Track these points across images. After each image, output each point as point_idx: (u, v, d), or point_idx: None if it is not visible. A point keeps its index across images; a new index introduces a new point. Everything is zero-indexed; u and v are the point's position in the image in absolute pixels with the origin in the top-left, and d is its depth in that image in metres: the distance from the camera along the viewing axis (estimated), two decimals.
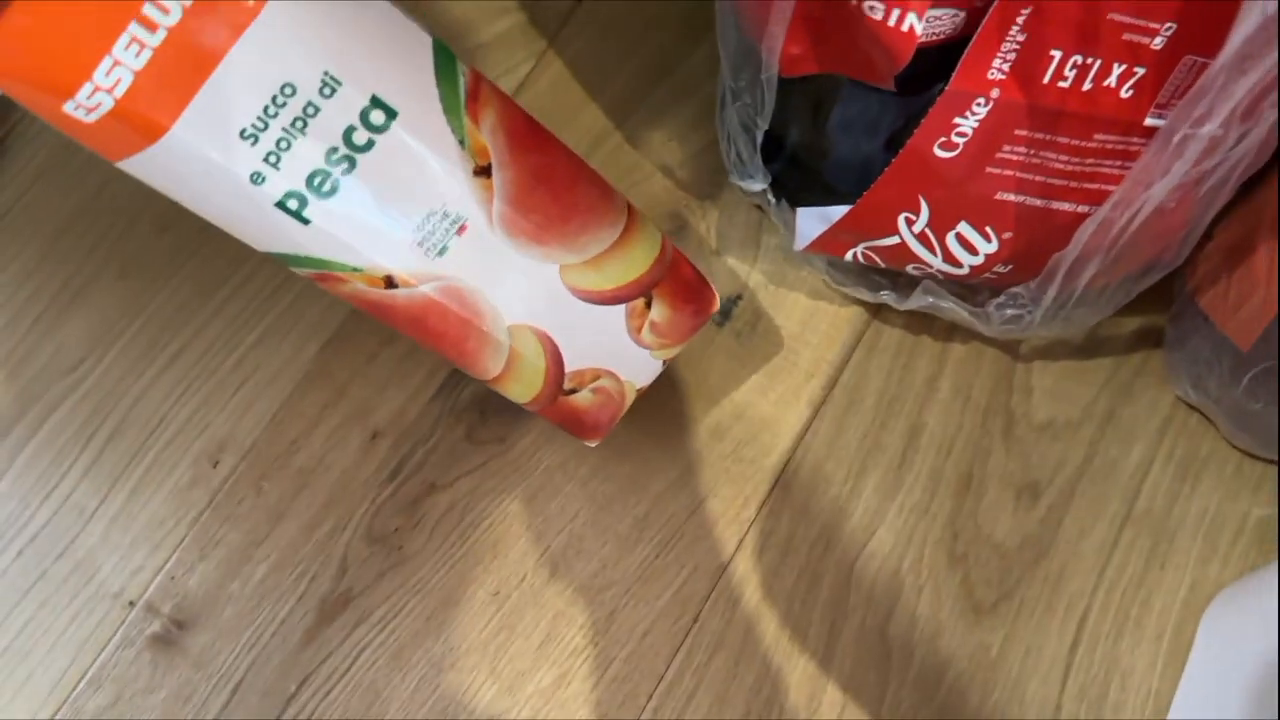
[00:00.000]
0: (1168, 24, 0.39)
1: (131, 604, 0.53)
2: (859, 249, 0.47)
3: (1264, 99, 0.35)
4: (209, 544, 0.54)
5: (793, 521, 0.53)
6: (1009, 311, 0.48)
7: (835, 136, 0.46)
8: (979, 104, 0.39)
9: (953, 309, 0.49)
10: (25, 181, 0.59)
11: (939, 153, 0.41)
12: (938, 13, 0.38)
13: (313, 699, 0.51)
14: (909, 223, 0.44)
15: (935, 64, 0.41)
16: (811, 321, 0.57)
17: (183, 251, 0.59)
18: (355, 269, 0.39)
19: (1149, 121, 0.41)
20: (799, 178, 0.50)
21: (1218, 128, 0.35)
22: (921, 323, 0.56)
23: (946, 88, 0.39)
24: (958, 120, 0.40)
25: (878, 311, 0.56)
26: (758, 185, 0.50)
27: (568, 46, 0.61)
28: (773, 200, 0.51)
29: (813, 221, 0.48)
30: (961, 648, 0.51)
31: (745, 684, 0.51)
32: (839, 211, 0.47)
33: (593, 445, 0.47)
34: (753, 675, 0.51)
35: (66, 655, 0.52)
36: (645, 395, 0.47)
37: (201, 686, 0.51)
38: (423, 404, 0.55)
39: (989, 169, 0.42)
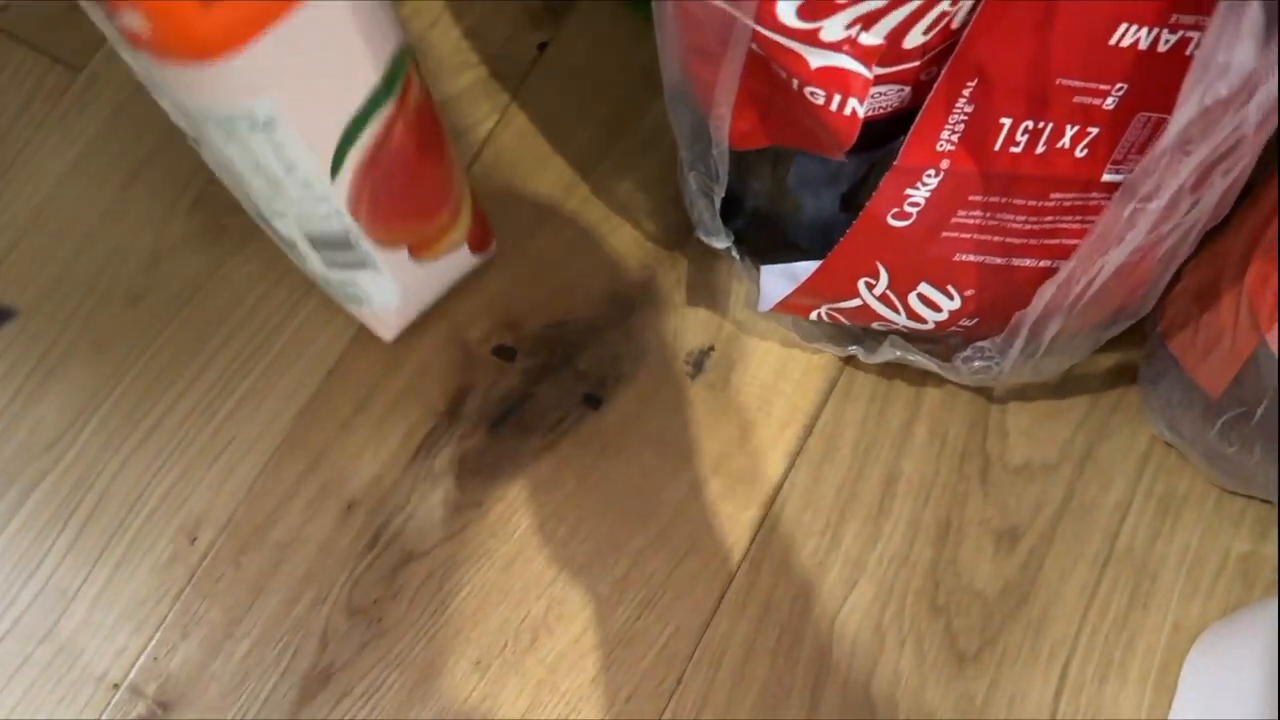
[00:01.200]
0: (1118, 84, 0.38)
1: (116, 686, 0.53)
2: (823, 310, 0.47)
3: (1214, 171, 0.34)
4: (190, 622, 0.54)
5: (773, 575, 0.53)
6: (977, 364, 0.48)
7: (793, 197, 0.46)
8: (929, 175, 0.39)
9: (921, 361, 0.49)
10: None
11: (893, 222, 0.40)
12: (881, 89, 0.37)
13: None
14: (869, 286, 0.44)
15: (887, 127, 0.41)
16: (785, 370, 0.56)
17: (156, 321, 0.59)
18: None
19: (1106, 177, 0.41)
20: (761, 236, 0.49)
21: (1165, 203, 0.34)
22: (895, 368, 0.55)
23: (895, 163, 0.38)
24: (909, 191, 0.39)
25: (850, 358, 0.56)
26: (721, 244, 0.50)
27: (531, 100, 0.61)
28: (737, 257, 0.51)
29: (777, 279, 0.47)
30: (946, 699, 0.51)
31: None
32: (804, 268, 0.47)
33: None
34: None
35: None
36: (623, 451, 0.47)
37: None
38: (398, 471, 0.55)
39: (945, 234, 0.41)
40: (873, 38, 0.35)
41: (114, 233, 0.60)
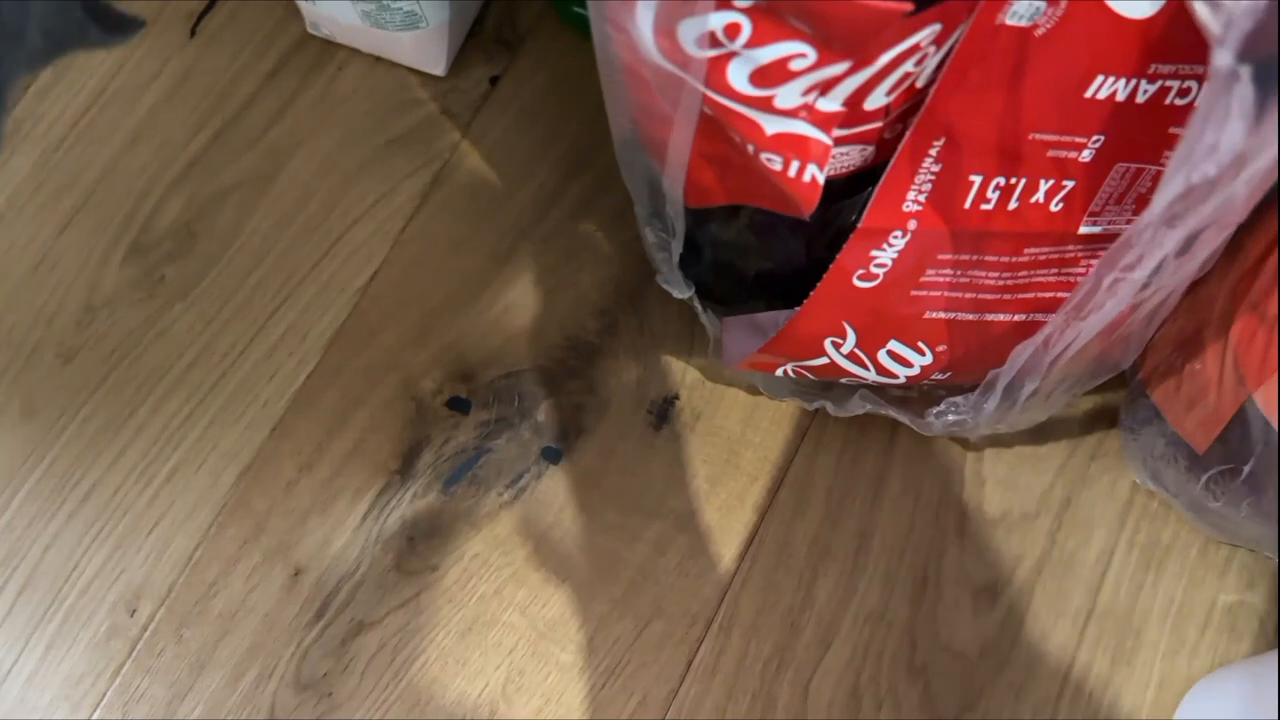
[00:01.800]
0: (1095, 136, 0.36)
1: None
2: (789, 367, 0.45)
3: (1199, 238, 0.32)
4: (131, 700, 0.51)
5: (744, 638, 0.51)
6: (950, 418, 0.45)
7: (753, 247, 0.44)
8: (896, 236, 0.37)
9: (892, 415, 0.47)
10: None
11: (859, 283, 0.38)
12: (843, 149, 0.35)
13: None
14: (836, 346, 0.42)
15: (850, 184, 0.38)
16: (753, 419, 0.54)
17: (89, 381, 0.56)
18: None
19: (1084, 229, 0.39)
20: (723, 285, 0.47)
21: (1148, 274, 0.32)
22: (868, 417, 0.53)
23: (859, 225, 0.36)
24: (875, 253, 0.37)
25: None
26: (681, 294, 0.48)
27: (483, 137, 0.58)
28: (700, 308, 0.49)
29: (741, 333, 0.45)
30: None
31: None
32: (769, 319, 0.44)
33: None
34: None
35: None
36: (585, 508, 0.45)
37: None
38: (347, 534, 0.53)
39: (915, 292, 0.39)
40: (831, 103, 0.32)
41: (44, 286, 0.57)
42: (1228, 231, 0.33)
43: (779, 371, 0.45)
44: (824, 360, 0.43)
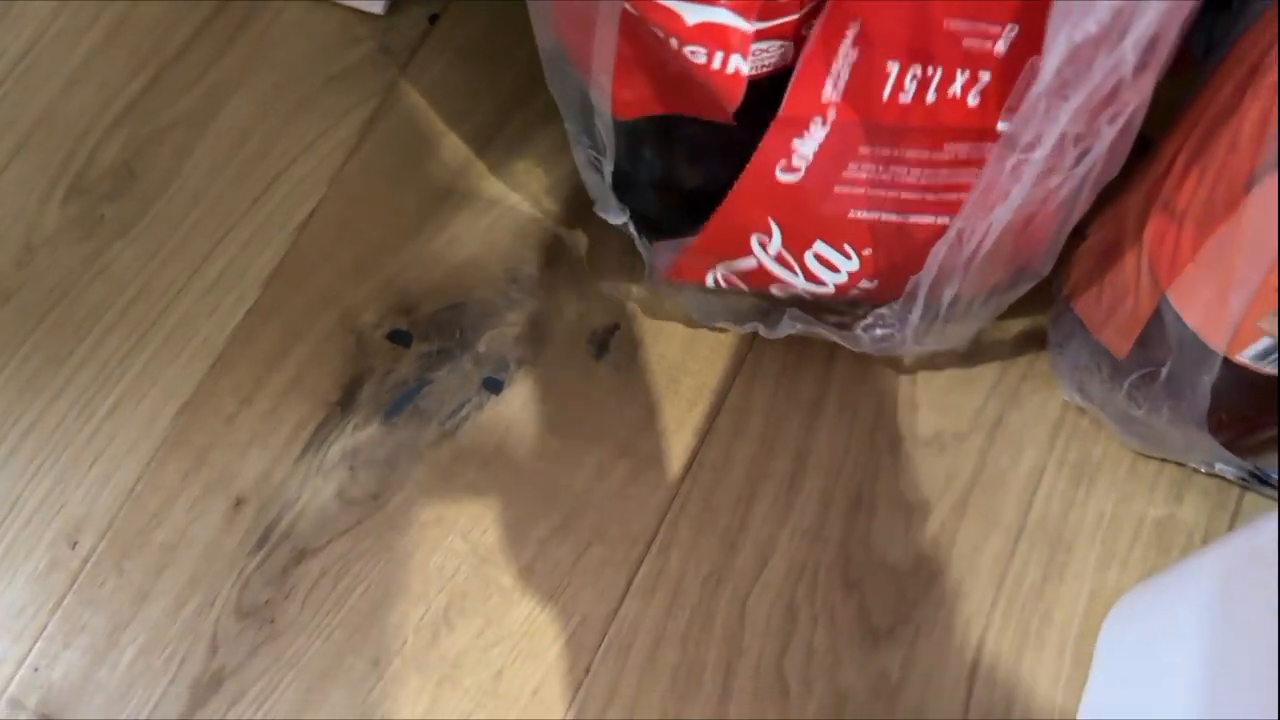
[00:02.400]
0: (1008, 25, 0.37)
1: None
2: (719, 272, 0.45)
3: (1099, 117, 0.33)
4: (73, 631, 0.51)
5: (683, 559, 0.51)
6: (878, 331, 0.46)
7: (685, 169, 0.44)
8: (816, 125, 0.37)
9: (823, 333, 0.47)
10: None
11: (782, 176, 0.39)
12: (762, 45, 0.36)
13: None
14: (763, 245, 0.42)
15: (778, 89, 0.39)
16: (692, 347, 0.55)
17: (28, 320, 0.56)
18: None
19: (1001, 127, 0.39)
20: (657, 211, 0.48)
21: (1049, 153, 0.33)
22: (804, 344, 0.54)
23: (779, 113, 0.37)
24: (796, 144, 0.38)
25: (758, 334, 0.54)
26: (616, 219, 0.48)
27: (421, 76, 0.59)
28: (634, 233, 0.49)
29: (670, 256, 0.46)
30: (860, 678, 0.49)
31: None
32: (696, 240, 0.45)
33: None
34: None
35: None
36: (525, 437, 0.45)
37: None
38: (288, 465, 0.53)
39: (838, 188, 0.40)
40: None
41: None
42: (1127, 118, 0.34)
43: (709, 280, 0.46)
44: (752, 262, 0.43)
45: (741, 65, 0.35)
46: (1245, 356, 0.39)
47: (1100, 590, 0.51)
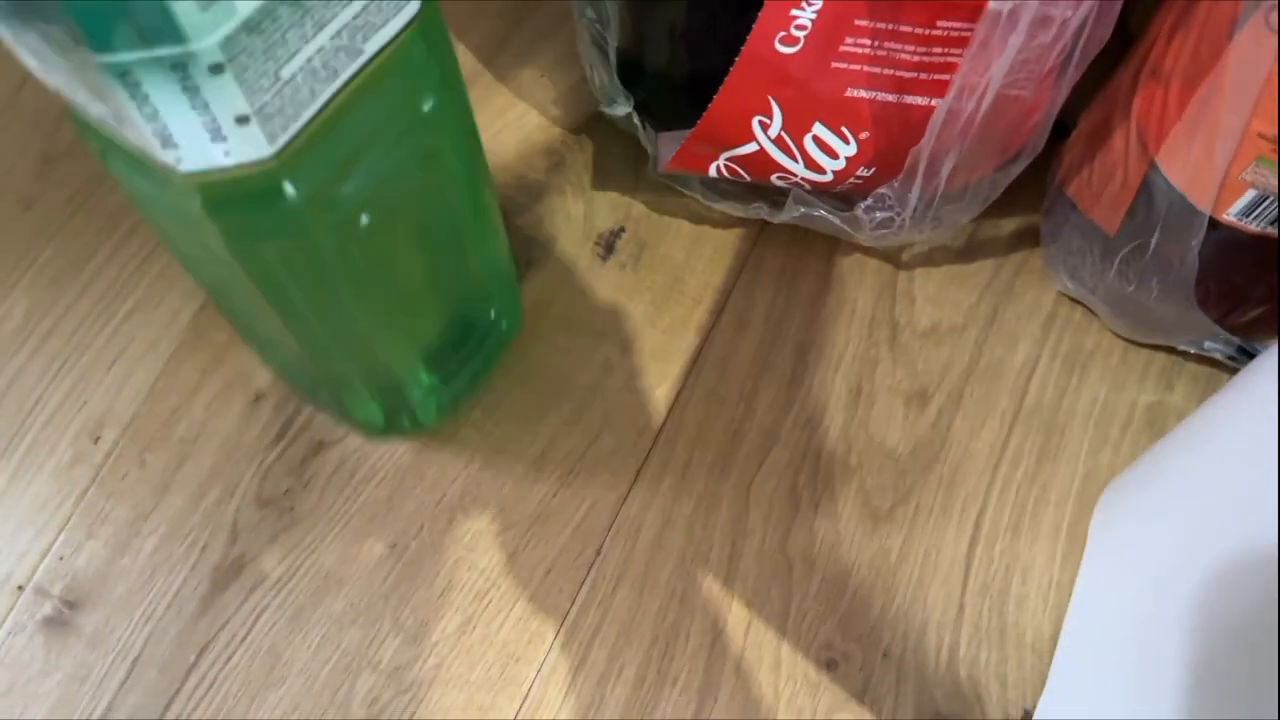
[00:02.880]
0: None
1: (20, 589, 0.51)
2: (721, 161, 0.47)
3: None
4: (95, 521, 0.52)
5: (689, 447, 0.53)
6: (878, 214, 0.48)
7: (689, 51, 0.46)
8: None
9: (825, 217, 0.49)
10: None
11: (781, 48, 0.40)
12: None
13: (213, 667, 0.50)
14: (764, 127, 0.44)
15: None
16: (696, 248, 0.56)
17: (49, 226, 0.57)
18: None
19: (992, 5, 0.41)
20: (661, 99, 0.49)
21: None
22: (804, 242, 0.55)
23: None
24: (795, 12, 0.39)
25: (761, 232, 0.56)
26: (622, 110, 0.50)
27: None
28: (640, 125, 0.51)
29: (674, 147, 0.47)
30: (861, 556, 0.51)
31: (650, 612, 0.50)
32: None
33: None
34: (657, 603, 0.51)
35: None
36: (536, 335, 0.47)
37: (98, 665, 0.50)
38: None
39: (835, 64, 0.41)
40: None
41: (3, 140, 0.58)
42: None
43: (712, 170, 0.48)
44: (753, 146, 0.45)
45: None
46: (1231, 214, 0.41)
47: (1094, 472, 0.52)
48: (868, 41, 0.41)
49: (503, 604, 0.51)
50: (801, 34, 0.40)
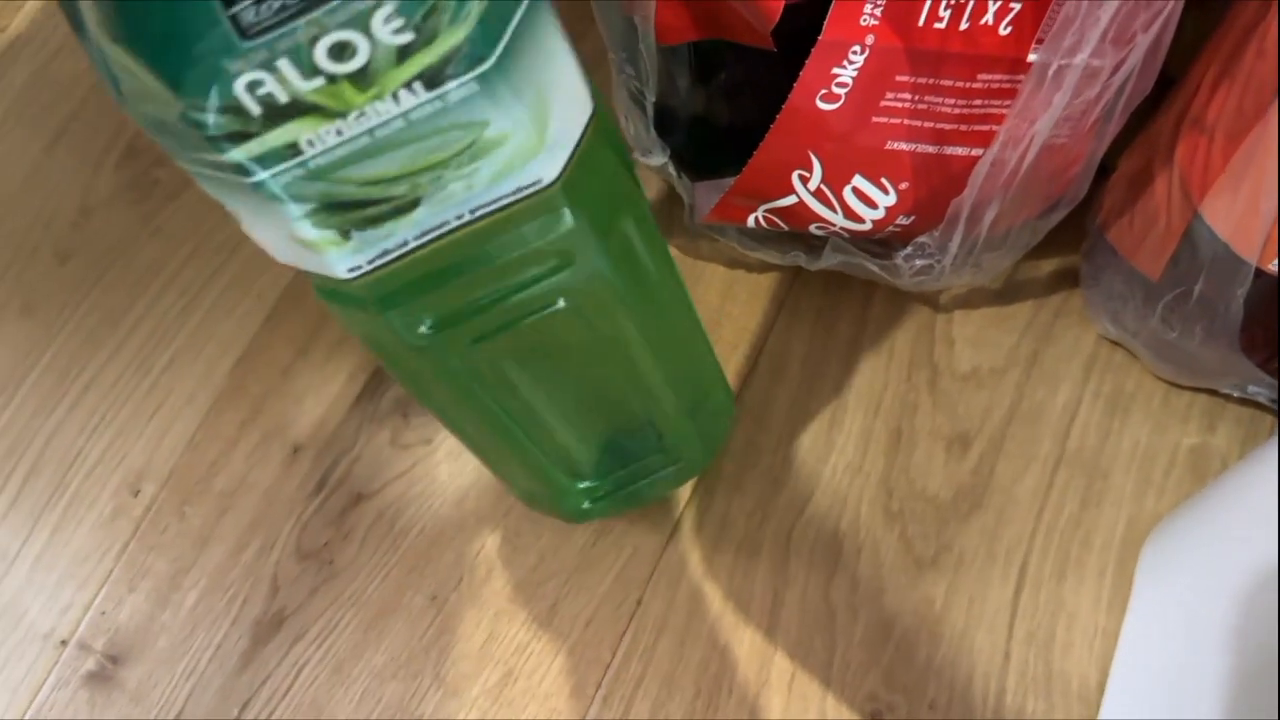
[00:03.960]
0: None
1: (64, 643, 0.51)
2: (760, 213, 0.47)
3: (1133, 22, 0.34)
4: (137, 575, 0.53)
5: (728, 495, 0.53)
6: (918, 262, 0.47)
7: (726, 103, 0.46)
8: (855, 52, 0.39)
9: (863, 264, 0.49)
10: None
11: (822, 105, 0.40)
12: None
13: None
14: (803, 180, 0.44)
15: (816, 19, 0.40)
16: (731, 292, 0.56)
17: (86, 279, 0.58)
18: None
19: (1032, 58, 0.41)
20: (697, 149, 0.49)
21: (1090, 56, 0.34)
22: (840, 284, 0.55)
23: (820, 39, 0.38)
24: (836, 71, 0.39)
25: (796, 276, 0.56)
26: (658, 160, 0.50)
27: None
28: (675, 174, 0.51)
29: (711, 196, 0.47)
30: (905, 604, 0.51)
31: (692, 663, 0.50)
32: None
33: None
34: (699, 653, 0.50)
35: (1, 702, 0.51)
36: None
37: None
38: (343, 413, 0.54)
39: (875, 118, 0.41)
40: None
41: (40, 192, 0.59)
42: (1161, 25, 0.35)
43: (750, 220, 0.48)
44: (792, 199, 0.45)
45: None
46: (1277, 265, 0.40)
47: (1138, 516, 0.52)
48: (908, 96, 0.41)
49: (544, 656, 0.50)
50: (843, 91, 0.40)
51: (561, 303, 0.34)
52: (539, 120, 0.28)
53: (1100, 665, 0.49)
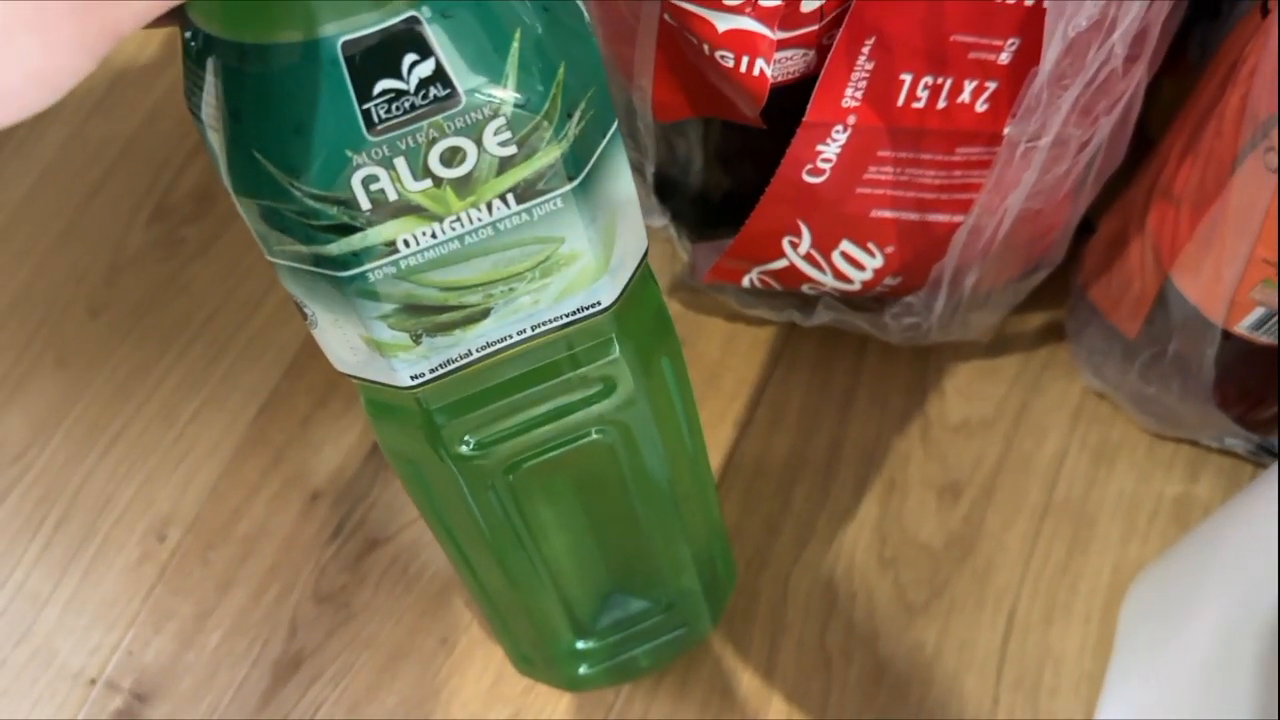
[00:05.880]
0: (1010, 39, 0.40)
1: (92, 682, 0.54)
2: (754, 274, 0.49)
3: (1095, 106, 0.36)
4: (162, 618, 0.55)
5: None
6: (906, 320, 0.50)
7: (722, 172, 0.48)
8: (838, 131, 0.41)
9: (853, 322, 0.51)
10: None
11: (808, 179, 0.43)
12: (786, 54, 0.40)
13: None
14: (794, 245, 0.46)
15: (802, 97, 0.43)
16: (731, 344, 0.59)
17: (117, 333, 0.60)
18: None
19: (1008, 131, 0.43)
20: (695, 213, 0.52)
21: (1054, 136, 0.36)
22: (836, 338, 0.57)
23: (804, 120, 0.41)
24: (820, 148, 0.41)
25: (793, 330, 0.58)
26: (658, 222, 0.52)
27: None
28: (675, 235, 0.53)
29: (710, 257, 0.50)
30: (898, 649, 0.52)
31: (693, 704, 0.52)
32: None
33: None
34: (700, 695, 0.52)
35: None
36: None
37: None
38: (359, 461, 0.57)
39: (860, 189, 0.44)
40: (771, 0, 0.37)
41: (74, 250, 0.62)
42: (1122, 108, 0.37)
43: (745, 281, 0.50)
44: (784, 262, 0.47)
45: (765, 68, 0.40)
46: (1242, 328, 0.42)
47: (1122, 563, 0.54)
48: (890, 169, 0.43)
49: (550, 696, 0.53)
50: (828, 165, 0.42)
51: (595, 434, 0.35)
52: (607, 243, 0.30)
53: (1086, 709, 0.51)
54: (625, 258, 0.31)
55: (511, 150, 0.26)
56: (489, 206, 0.27)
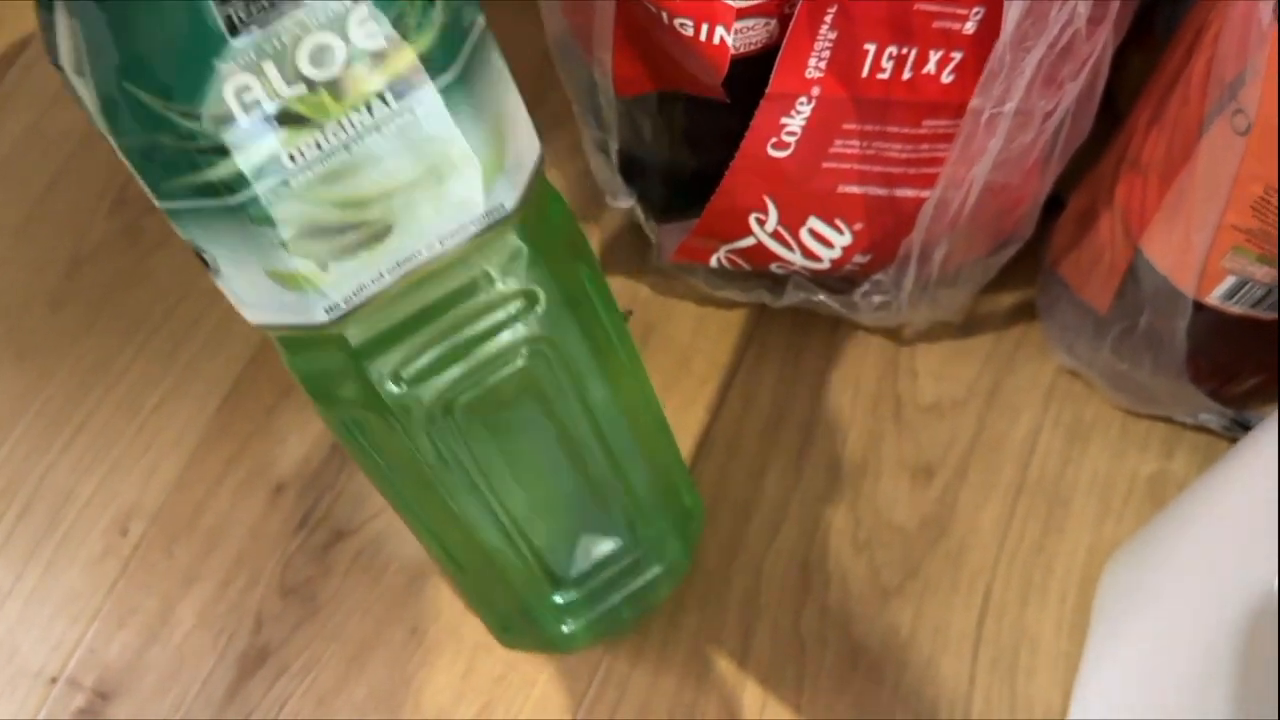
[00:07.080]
0: (975, 8, 0.40)
1: (54, 680, 0.53)
2: (721, 254, 0.48)
3: (1059, 71, 0.36)
4: (126, 612, 0.54)
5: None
6: (876, 299, 0.49)
7: (686, 149, 0.48)
8: (802, 103, 0.41)
9: (823, 302, 0.51)
10: None
11: (773, 153, 0.42)
12: (748, 23, 0.39)
13: None
14: (760, 223, 0.46)
15: (766, 71, 0.42)
16: (702, 328, 0.58)
17: (78, 325, 0.59)
18: None
19: (974, 103, 0.43)
20: (662, 193, 0.51)
21: (1019, 103, 0.36)
22: (807, 319, 0.57)
23: (767, 91, 0.40)
24: (784, 120, 0.41)
25: (764, 312, 0.58)
26: (625, 203, 0.52)
27: None
28: (642, 216, 0.52)
29: (676, 237, 0.49)
30: (872, 632, 0.52)
31: (667, 692, 0.51)
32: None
33: None
34: (674, 681, 0.52)
35: None
36: None
37: None
38: (325, 451, 0.56)
39: (826, 164, 0.43)
40: None
41: (34, 242, 0.61)
42: (1087, 75, 0.37)
43: (713, 261, 0.49)
44: (751, 240, 0.47)
45: (726, 36, 0.39)
46: (1214, 297, 0.42)
47: (1098, 543, 0.53)
48: (856, 143, 0.43)
49: (521, 686, 0.52)
50: (792, 139, 0.42)
51: (525, 357, 0.35)
52: (496, 142, 0.30)
53: (1063, 689, 0.51)
54: (520, 158, 0.31)
55: (380, 43, 0.26)
56: (369, 108, 0.27)
